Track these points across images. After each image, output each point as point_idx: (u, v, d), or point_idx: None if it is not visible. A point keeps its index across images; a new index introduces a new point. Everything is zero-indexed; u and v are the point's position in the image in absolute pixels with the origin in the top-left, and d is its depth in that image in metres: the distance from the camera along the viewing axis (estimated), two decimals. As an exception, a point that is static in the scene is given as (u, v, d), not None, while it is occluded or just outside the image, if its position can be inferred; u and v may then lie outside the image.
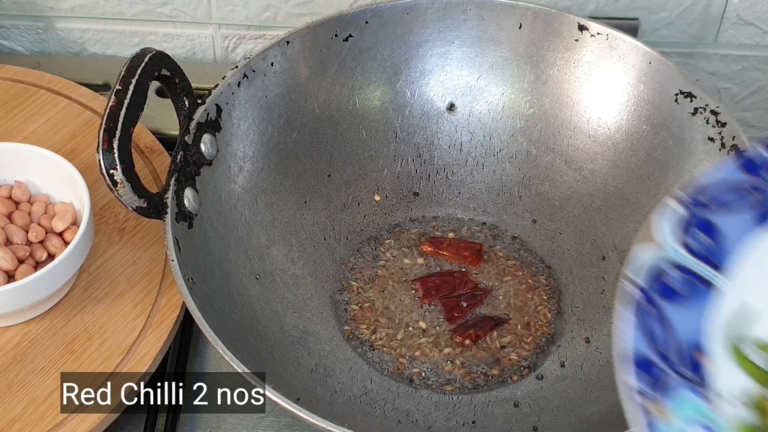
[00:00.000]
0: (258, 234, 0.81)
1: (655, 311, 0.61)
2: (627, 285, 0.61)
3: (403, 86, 0.88)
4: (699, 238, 0.63)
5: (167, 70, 0.74)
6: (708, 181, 0.65)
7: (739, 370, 0.60)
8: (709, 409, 0.58)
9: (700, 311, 0.61)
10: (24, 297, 0.73)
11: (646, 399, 0.57)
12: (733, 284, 0.63)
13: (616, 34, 0.82)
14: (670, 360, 0.59)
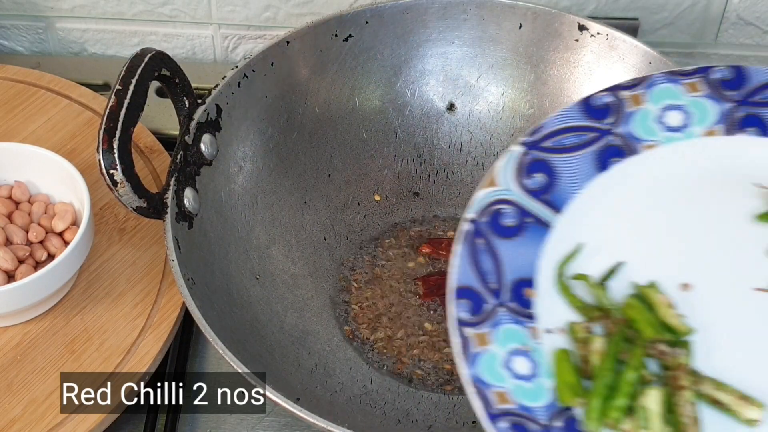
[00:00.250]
0: (258, 234, 0.81)
1: (485, 245, 0.62)
2: (463, 223, 0.63)
3: (403, 86, 0.88)
4: (536, 178, 0.65)
5: (167, 70, 0.73)
6: (550, 125, 0.67)
7: (563, 302, 0.62)
8: (531, 338, 0.60)
9: (533, 248, 0.63)
10: (24, 297, 0.73)
11: (469, 328, 0.59)
12: (566, 223, 0.64)
13: (616, 34, 0.82)
14: (498, 292, 0.61)
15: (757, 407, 0.57)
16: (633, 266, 0.63)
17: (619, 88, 0.68)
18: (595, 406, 0.57)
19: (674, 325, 0.59)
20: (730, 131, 0.68)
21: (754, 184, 0.65)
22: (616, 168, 0.67)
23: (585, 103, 0.68)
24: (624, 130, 0.67)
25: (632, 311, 0.60)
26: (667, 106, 0.68)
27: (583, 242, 0.64)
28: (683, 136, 0.68)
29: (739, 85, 0.68)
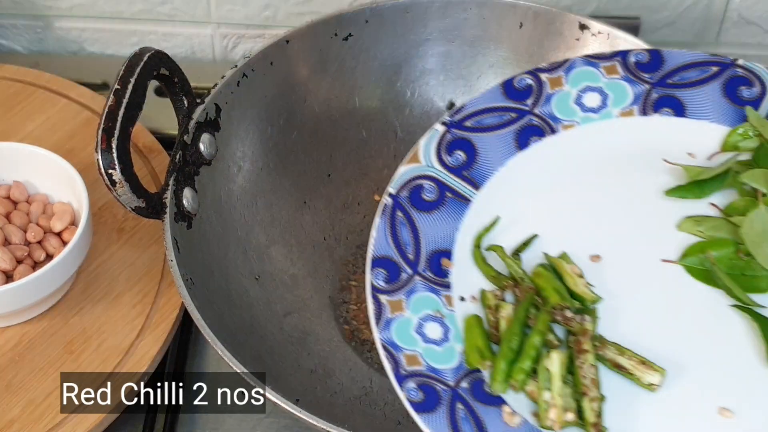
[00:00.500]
0: (257, 234, 0.81)
1: (404, 218, 0.65)
2: (384, 197, 0.66)
3: (403, 86, 0.88)
4: (456, 155, 0.68)
5: (166, 69, 0.73)
6: (472, 106, 0.70)
7: (477, 272, 0.65)
8: (445, 306, 0.63)
9: (452, 221, 0.66)
10: (22, 297, 0.73)
11: (384, 295, 0.62)
12: (485, 198, 0.67)
13: (617, 33, 0.82)
14: (415, 263, 0.64)
15: (657, 372, 0.59)
16: (547, 238, 0.65)
17: (539, 71, 0.71)
18: (500, 367, 0.59)
19: (581, 293, 0.61)
20: (646, 112, 0.70)
21: (664, 159, 0.67)
22: (535, 146, 0.69)
23: (506, 84, 0.70)
24: (544, 111, 0.70)
25: (540, 279, 0.62)
26: (586, 87, 0.71)
27: (500, 216, 0.66)
28: (600, 117, 0.70)
29: (655, 67, 0.71)
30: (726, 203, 0.66)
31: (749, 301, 0.61)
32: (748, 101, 0.70)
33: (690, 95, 0.70)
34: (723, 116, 0.70)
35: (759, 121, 0.68)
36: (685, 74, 0.71)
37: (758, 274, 0.62)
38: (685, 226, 0.65)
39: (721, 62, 0.71)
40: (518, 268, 0.63)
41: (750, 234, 0.62)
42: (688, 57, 0.71)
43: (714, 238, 0.64)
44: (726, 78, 0.70)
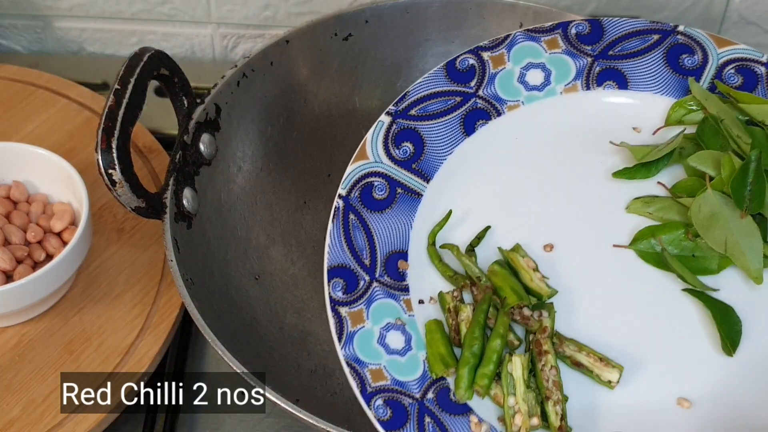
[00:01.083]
0: (257, 234, 0.81)
1: (357, 221, 0.64)
2: (336, 200, 0.64)
3: (403, 86, 0.87)
4: (404, 147, 0.67)
5: (166, 69, 0.73)
6: (415, 92, 0.68)
7: (434, 271, 0.64)
8: (405, 311, 0.62)
9: (405, 219, 0.65)
10: (22, 297, 0.73)
11: (345, 307, 0.61)
12: (436, 191, 0.66)
13: (617, 33, 0.82)
14: (372, 268, 0.62)
15: (616, 369, 0.59)
16: (500, 229, 0.65)
17: (480, 49, 0.70)
18: (463, 375, 0.59)
19: (537, 288, 0.61)
20: (590, 86, 0.70)
21: (609, 141, 0.67)
22: (481, 131, 0.68)
23: (449, 66, 0.69)
24: (488, 92, 0.69)
25: (496, 278, 0.61)
26: (528, 64, 0.70)
27: (452, 209, 0.65)
28: (544, 95, 0.70)
29: (596, 38, 0.70)
30: (673, 182, 0.65)
31: (700, 285, 0.61)
32: (690, 70, 0.69)
33: (632, 66, 0.69)
34: (666, 87, 0.69)
35: (702, 93, 0.67)
36: (627, 44, 0.70)
37: (707, 255, 0.62)
38: (634, 208, 0.65)
39: (662, 29, 0.70)
40: (474, 267, 0.63)
41: (698, 217, 0.62)
42: (629, 25, 0.70)
43: (663, 220, 0.64)
44: (667, 46, 0.70)
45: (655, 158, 0.65)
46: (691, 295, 0.61)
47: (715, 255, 0.62)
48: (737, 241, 0.61)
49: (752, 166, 0.61)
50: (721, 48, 0.69)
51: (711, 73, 0.69)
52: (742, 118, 0.66)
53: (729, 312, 0.60)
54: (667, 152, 0.65)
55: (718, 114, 0.66)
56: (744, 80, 0.69)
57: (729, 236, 0.61)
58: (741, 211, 0.61)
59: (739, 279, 0.62)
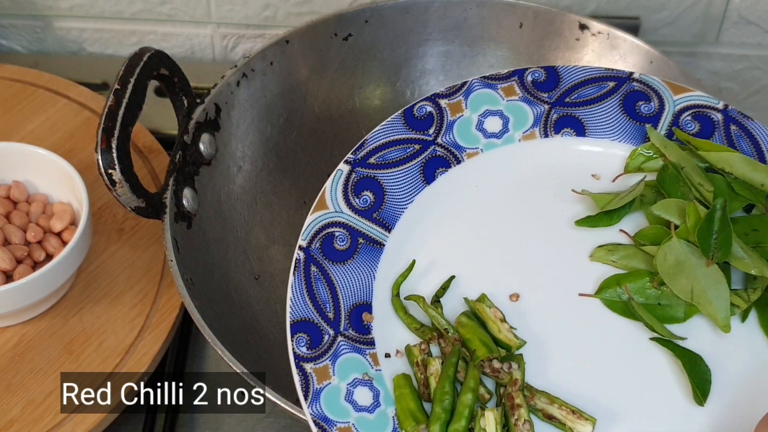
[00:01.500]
0: (257, 234, 0.81)
1: (319, 273, 0.62)
2: (296, 251, 0.62)
3: (403, 86, 0.88)
4: (364, 196, 0.65)
5: (166, 69, 0.73)
6: (373, 140, 0.67)
7: (399, 323, 0.62)
8: (372, 366, 0.60)
9: (368, 270, 0.63)
10: (22, 297, 0.73)
11: (309, 363, 0.59)
12: (398, 240, 0.65)
13: (617, 33, 0.82)
14: (336, 322, 0.61)
15: (589, 421, 0.58)
16: (465, 278, 0.63)
17: (438, 97, 0.69)
18: (435, 431, 0.57)
19: (506, 340, 0.60)
20: (548, 133, 0.69)
21: (572, 190, 0.66)
22: (442, 179, 0.67)
23: (406, 114, 0.68)
24: (447, 140, 0.68)
25: (464, 330, 0.60)
26: (486, 111, 0.69)
27: (416, 259, 0.64)
28: (503, 142, 0.69)
29: (553, 86, 0.70)
30: (635, 228, 0.65)
31: (668, 334, 0.61)
32: (647, 117, 0.69)
33: (589, 114, 0.69)
34: (624, 134, 0.69)
35: (660, 140, 0.67)
36: (583, 91, 0.70)
37: (674, 303, 0.62)
38: (598, 256, 0.64)
39: (618, 77, 0.70)
40: (441, 319, 0.61)
41: (664, 265, 0.61)
42: (585, 73, 0.70)
43: (628, 268, 0.63)
44: (624, 93, 0.69)
45: (618, 206, 0.65)
46: (659, 344, 0.61)
47: (682, 303, 0.62)
48: (704, 289, 0.60)
49: (718, 214, 0.61)
50: (677, 95, 0.69)
51: (668, 119, 0.69)
52: (701, 165, 0.66)
53: (698, 361, 0.60)
54: (628, 200, 0.65)
55: (678, 161, 0.66)
56: (701, 127, 0.69)
57: (695, 284, 0.61)
58: (707, 259, 0.61)
59: (706, 327, 0.62)
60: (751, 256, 0.61)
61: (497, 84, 0.70)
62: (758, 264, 0.61)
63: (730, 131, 0.68)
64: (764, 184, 0.65)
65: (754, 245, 0.63)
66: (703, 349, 0.60)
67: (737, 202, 0.65)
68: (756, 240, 0.63)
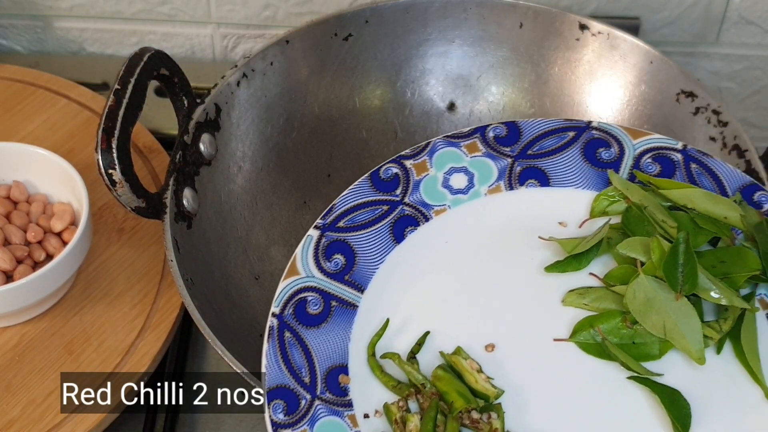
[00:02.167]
0: (257, 234, 0.81)
1: (293, 338, 0.62)
2: (269, 319, 0.62)
3: (403, 86, 0.88)
4: (335, 260, 0.66)
5: (166, 69, 0.73)
6: (342, 204, 0.68)
7: (376, 382, 0.62)
8: (351, 428, 0.59)
9: (343, 332, 0.63)
10: (22, 297, 0.73)
11: (288, 430, 0.58)
12: (371, 301, 0.65)
13: (617, 33, 0.82)
14: (312, 386, 0.60)
15: None
16: (439, 333, 0.63)
17: (403, 158, 0.70)
18: None
19: (483, 390, 0.60)
20: (512, 186, 0.70)
21: (538, 236, 0.67)
22: (411, 237, 0.68)
23: (373, 176, 0.69)
24: (414, 199, 0.69)
25: (441, 383, 0.60)
26: (451, 169, 0.70)
27: (389, 317, 0.64)
28: (469, 197, 0.70)
29: (514, 140, 0.71)
30: (605, 271, 0.65)
31: (644, 372, 0.61)
32: (609, 163, 0.70)
33: (552, 164, 0.70)
34: (587, 181, 0.70)
35: (622, 183, 0.68)
36: (544, 143, 0.71)
37: (648, 340, 0.62)
38: (570, 300, 0.64)
39: (577, 126, 0.71)
40: (417, 374, 0.61)
41: (634, 303, 0.61)
42: (544, 125, 0.71)
43: (600, 310, 0.63)
44: (584, 142, 0.70)
45: (585, 249, 0.65)
46: (636, 382, 0.61)
47: (656, 340, 0.62)
48: (675, 323, 0.60)
49: (681, 247, 0.61)
50: (636, 139, 0.70)
51: (629, 163, 0.70)
52: (664, 204, 0.67)
53: (676, 396, 0.60)
54: (595, 243, 0.65)
55: (640, 202, 0.67)
56: (662, 168, 0.69)
57: (667, 320, 0.61)
58: (676, 293, 0.61)
59: (682, 361, 0.62)
60: (720, 287, 0.61)
61: (460, 142, 0.71)
62: (727, 294, 0.61)
63: (691, 169, 0.69)
64: (727, 217, 0.65)
65: (722, 276, 0.63)
66: (681, 383, 0.60)
67: (702, 237, 0.65)
68: (723, 271, 0.63)
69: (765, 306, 0.64)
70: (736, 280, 0.63)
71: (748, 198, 0.68)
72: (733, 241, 0.65)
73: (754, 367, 0.61)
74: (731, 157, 0.76)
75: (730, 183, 0.69)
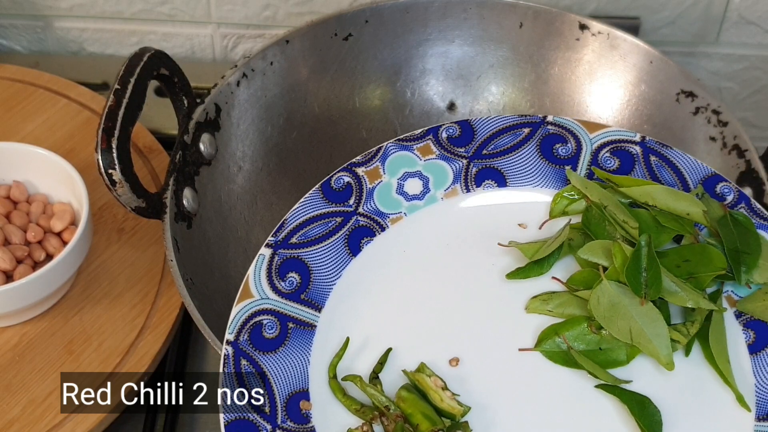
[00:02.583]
0: (257, 234, 0.81)
1: (250, 365, 0.59)
2: (224, 347, 0.59)
3: (403, 86, 0.88)
4: (290, 279, 0.63)
5: (166, 69, 0.73)
6: (293, 219, 0.65)
7: (339, 406, 0.59)
8: None
9: (301, 355, 0.61)
10: (22, 297, 0.73)
11: None
12: (330, 319, 0.62)
13: (617, 33, 0.82)
14: (273, 416, 0.58)
15: None
16: (402, 350, 0.61)
17: (354, 165, 0.68)
18: None
19: (449, 409, 0.58)
20: (469, 188, 0.68)
21: (498, 243, 0.65)
22: (368, 249, 0.66)
23: (324, 187, 0.67)
24: (368, 208, 0.67)
25: (405, 404, 0.58)
26: (405, 174, 0.68)
27: (350, 336, 0.62)
28: (425, 203, 0.68)
29: (468, 140, 0.69)
30: (568, 274, 0.64)
31: (612, 379, 0.60)
32: (566, 159, 0.68)
33: (508, 163, 0.68)
34: (545, 179, 0.68)
35: (581, 182, 0.66)
36: (499, 141, 0.69)
37: (614, 346, 0.60)
38: (533, 307, 0.63)
39: (532, 122, 0.69)
40: (381, 396, 0.59)
41: (599, 309, 0.60)
42: (498, 122, 0.69)
43: (565, 316, 0.62)
44: (539, 138, 0.69)
45: (546, 254, 0.64)
46: (605, 390, 0.59)
47: (623, 345, 0.60)
48: (641, 328, 0.59)
49: (644, 251, 0.60)
50: (593, 132, 0.68)
51: (587, 159, 0.68)
52: (625, 202, 0.65)
53: (646, 403, 0.58)
54: (556, 246, 0.64)
55: (600, 201, 0.65)
56: (621, 162, 0.68)
57: (633, 324, 0.59)
58: (640, 298, 0.60)
59: (650, 367, 0.60)
60: (685, 289, 0.60)
61: (413, 145, 0.69)
62: (692, 296, 0.60)
63: (650, 162, 0.67)
64: (689, 213, 0.64)
65: (687, 276, 0.62)
66: (650, 390, 0.59)
67: (665, 235, 0.64)
68: (688, 271, 0.62)
69: (732, 304, 0.63)
70: (701, 280, 0.61)
71: (711, 190, 0.66)
72: (697, 238, 0.64)
73: (723, 370, 0.59)
74: (731, 157, 0.76)
75: (691, 175, 0.67)
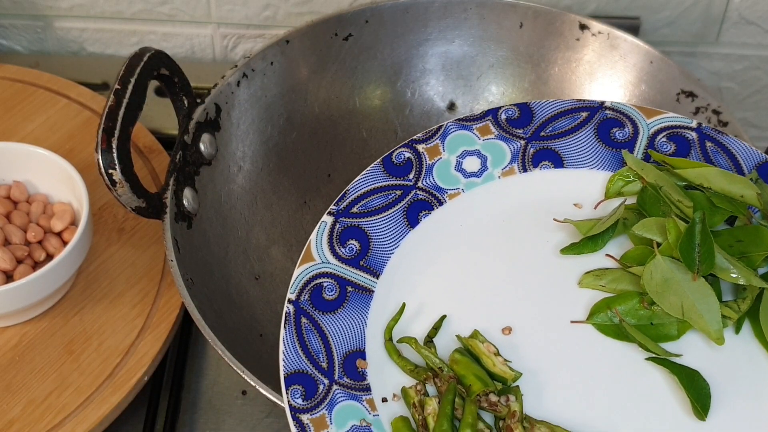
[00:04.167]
0: (257, 234, 0.81)
1: (310, 324, 0.62)
2: (285, 305, 0.62)
3: (403, 86, 0.88)
4: (350, 245, 0.66)
5: (166, 69, 0.73)
6: (355, 190, 0.68)
7: (394, 366, 0.62)
8: (369, 411, 0.60)
9: (359, 317, 0.63)
10: (22, 297, 0.73)
11: (306, 414, 0.59)
12: (387, 285, 0.65)
13: (617, 33, 0.82)
14: (330, 371, 0.61)
15: None
16: (456, 317, 0.63)
17: (415, 142, 0.70)
18: None
19: (501, 373, 0.60)
20: (526, 168, 0.70)
21: (554, 219, 0.67)
22: (426, 221, 0.68)
23: (385, 161, 0.69)
24: (427, 183, 0.69)
25: (458, 366, 0.60)
26: (463, 152, 0.70)
27: (406, 302, 0.64)
28: (483, 180, 0.70)
29: (527, 121, 0.71)
30: (621, 252, 0.65)
31: (662, 352, 0.61)
32: (623, 143, 0.69)
33: (565, 145, 0.70)
34: (601, 161, 0.69)
35: (637, 164, 0.68)
36: (557, 124, 0.70)
37: (666, 321, 0.61)
38: (586, 282, 0.64)
39: (590, 107, 0.71)
40: (435, 358, 0.61)
41: (651, 284, 0.61)
42: (557, 106, 0.71)
43: (617, 291, 0.63)
44: (597, 122, 0.70)
45: (600, 231, 0.65)
46: (655, 363, 0.60)
47: (674, 320, 0.61)
48: (693, 304, 0.60)
49: (698, 227, 0.61)
50: (650, 118, 0.70)
51: (643, 143, 0.69)
52: (680, 184, 0.66)
53: (695, 376, 0.59)
54: (610, 224, 0.65)
55: (656, 182, 0.66)
56: (677, 147, 0.69)
57: (684, 300, 0.60)
58: (693, 273, 0.61)
59: (700, 342, 0.61)
60: (737, 267, 0.61)
61: (472, 125, 0.70)
62: (745, 274, 0.61)
63: (706, 148, 0.69)
64: (743, 195, 0.65)
65: (739, 256, 0.62)
66: (700, 364, 0.60)
67: (719, 216, 0.65)
68: (741, 250, 0.63)
69: None
70: (753, 260, 0.62)
71: (765, 176, 0.67)
72: (750, 220, 0.65)
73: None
74: (731, 157, 0.76)
75: (746, 161, 0.68)
